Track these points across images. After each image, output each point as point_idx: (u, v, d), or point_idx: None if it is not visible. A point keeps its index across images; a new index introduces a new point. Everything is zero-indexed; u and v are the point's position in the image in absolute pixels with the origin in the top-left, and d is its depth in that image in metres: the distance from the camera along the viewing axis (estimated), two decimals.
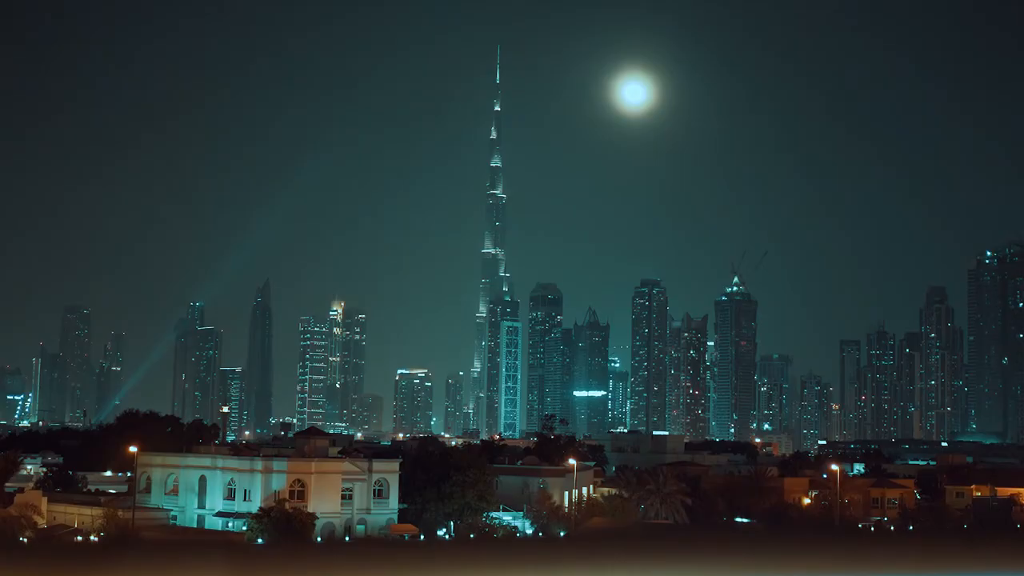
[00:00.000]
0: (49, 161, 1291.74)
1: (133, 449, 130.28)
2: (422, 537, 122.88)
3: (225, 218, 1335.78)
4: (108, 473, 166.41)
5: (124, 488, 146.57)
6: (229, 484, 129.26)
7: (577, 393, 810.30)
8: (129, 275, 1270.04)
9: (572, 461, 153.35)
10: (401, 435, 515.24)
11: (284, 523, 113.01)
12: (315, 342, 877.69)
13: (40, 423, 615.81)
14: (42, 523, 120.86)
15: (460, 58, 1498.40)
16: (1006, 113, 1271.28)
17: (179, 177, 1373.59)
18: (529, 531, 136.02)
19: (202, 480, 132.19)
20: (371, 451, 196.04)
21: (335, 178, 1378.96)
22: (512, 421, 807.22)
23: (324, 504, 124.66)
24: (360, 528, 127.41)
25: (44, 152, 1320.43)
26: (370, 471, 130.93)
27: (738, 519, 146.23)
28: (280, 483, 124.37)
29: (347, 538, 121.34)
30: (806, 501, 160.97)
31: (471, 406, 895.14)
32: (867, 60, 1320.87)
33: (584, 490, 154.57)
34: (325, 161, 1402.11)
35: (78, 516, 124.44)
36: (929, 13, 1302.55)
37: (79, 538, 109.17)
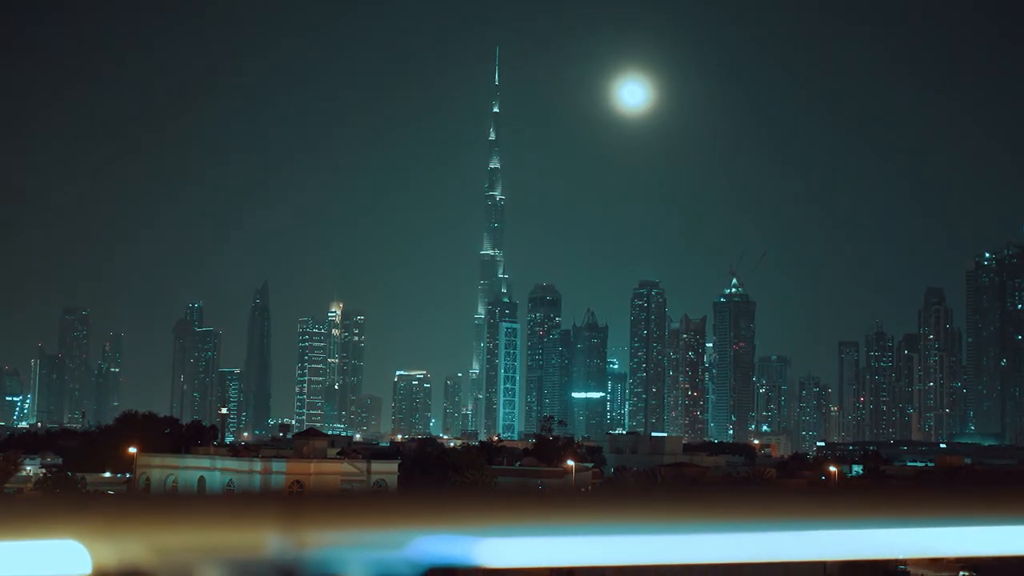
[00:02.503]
0: (48, 161, 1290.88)
1: (132, 450, 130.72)
2: None
3: (224, 219, 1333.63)
4: (107, 474, 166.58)
5: (123, 489, 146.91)
6: (228, 485, 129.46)
7: (575, 394, 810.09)
8: (128, 276, 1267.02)
9: (570, 462, 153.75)
10: (400, 436, 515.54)
11: None
12: (314, 343, 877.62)
13: (39, 424, 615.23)
14: None
15: (459, 59, 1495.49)
16: (1005, 114, 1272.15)
17: (178, 177, 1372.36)
18: None
19: (201, 481, 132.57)
20: (370, 452, 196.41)
21: (333, 179, 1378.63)
22: (511, 422, 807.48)
23: None
24: None
25: (43, 152, 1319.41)
26: (369, 472, 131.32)
27: None
28: (279, 484, 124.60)
29: None
30: None
31: (470, 407, 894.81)
32: (866, 61, 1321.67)
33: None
34: (324, 162, 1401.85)
35: None
36: (929, 14, 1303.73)
37: None
